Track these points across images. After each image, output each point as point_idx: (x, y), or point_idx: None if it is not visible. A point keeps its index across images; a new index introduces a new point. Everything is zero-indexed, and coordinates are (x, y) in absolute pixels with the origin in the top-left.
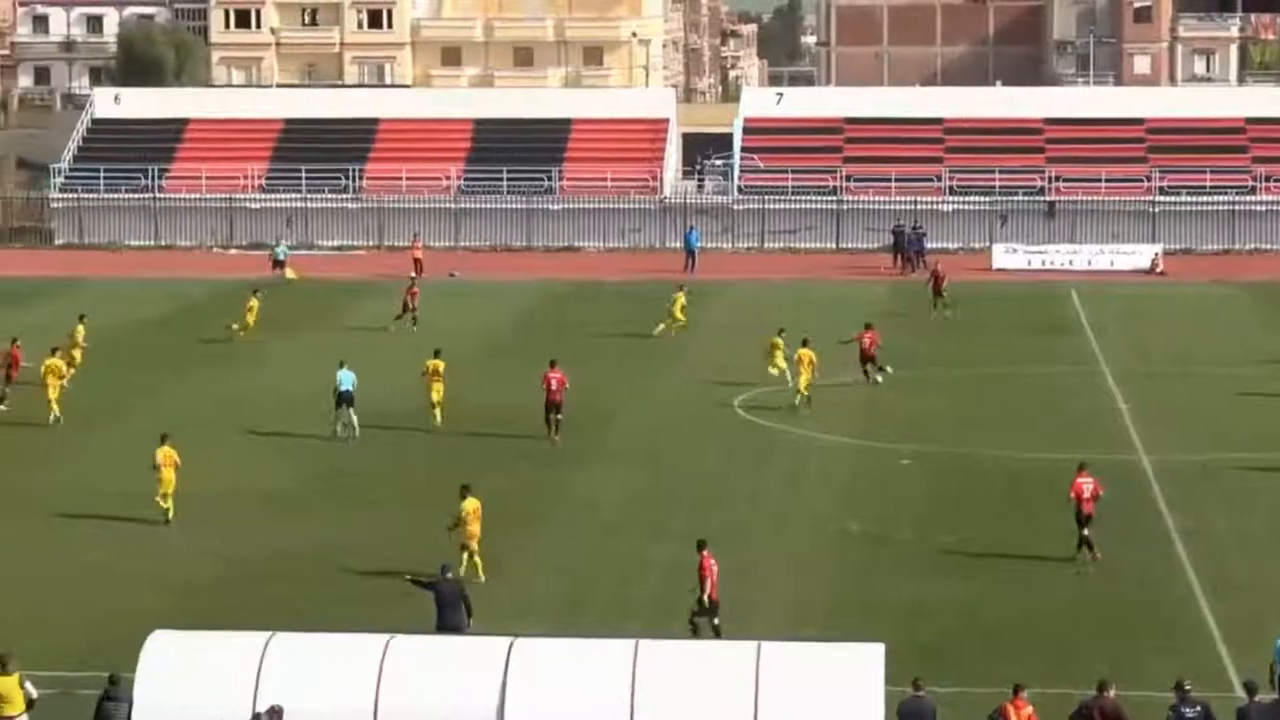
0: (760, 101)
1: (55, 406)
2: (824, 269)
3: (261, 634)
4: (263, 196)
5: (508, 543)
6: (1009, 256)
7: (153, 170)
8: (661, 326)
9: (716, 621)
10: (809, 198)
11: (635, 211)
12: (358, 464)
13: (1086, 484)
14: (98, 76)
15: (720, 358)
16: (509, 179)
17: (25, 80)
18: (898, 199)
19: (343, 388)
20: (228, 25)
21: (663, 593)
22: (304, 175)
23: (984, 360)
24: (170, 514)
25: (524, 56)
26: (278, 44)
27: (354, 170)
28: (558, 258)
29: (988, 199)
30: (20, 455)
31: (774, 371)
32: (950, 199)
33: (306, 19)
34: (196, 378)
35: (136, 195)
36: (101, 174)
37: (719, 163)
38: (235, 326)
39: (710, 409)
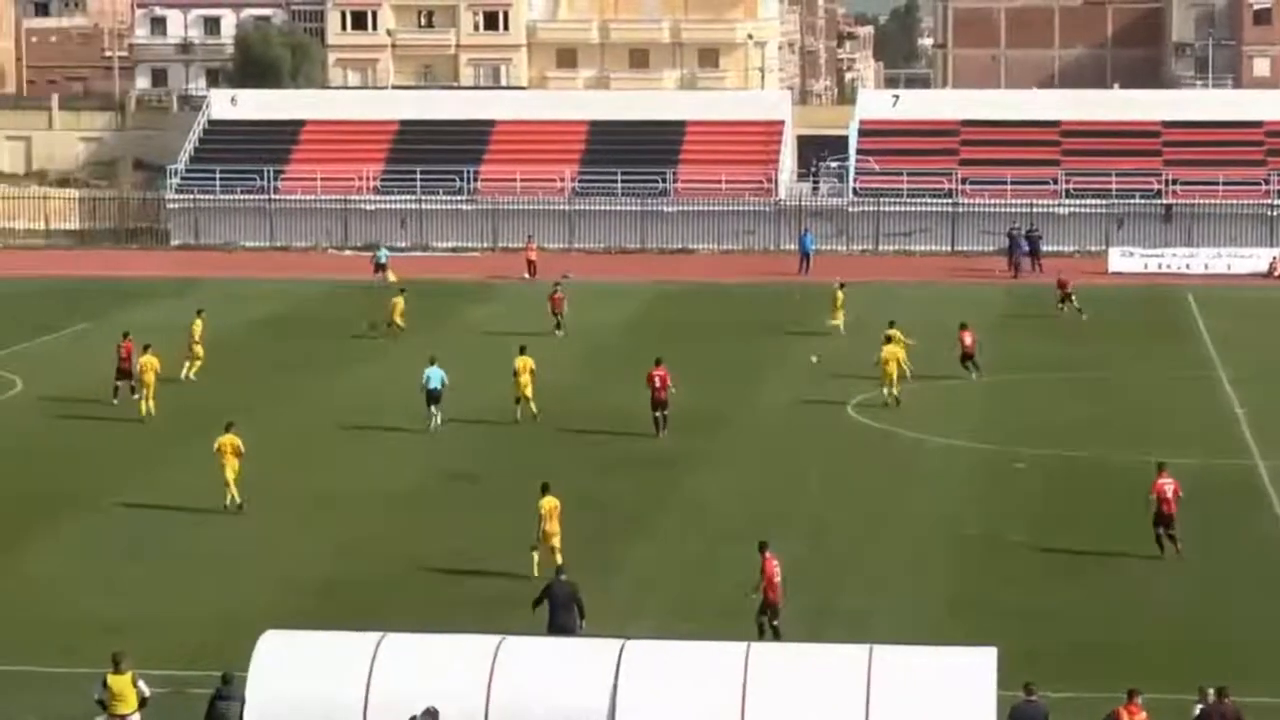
0: (876, 103)
1: (150, 404)
2: (938, 272)
3: (373, 634)
4: (377, 198)
5: (619, 545)
6: (1125, 260)
7: (268, 171)
8: (834, 321)
9: (777, 624)
10: (924, 200)
11: (750, 214)
12: (474, 465)
13: (1168, 484)
14: (214, 78)
15: (834, 360)
16: (623, 181)
17: (143, 82)
18: (1013, 202)
19: (431, 385)
20: (344, 27)
21: None
22: (419, 177)
23: (1099, 364)
24: (237, 501)
25: (639, 58)
26: (394, 46)
27: (469, 172)
28: (672, 260)
29: (1104, 202)
30: (134, 452)
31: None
32: (1066, 202)
33: (422, 21)
34: (311, 378)
35: (252, 196)
36: (217, 175)
37: (834, 165)
38: (387, 325)
39: (823, 411)
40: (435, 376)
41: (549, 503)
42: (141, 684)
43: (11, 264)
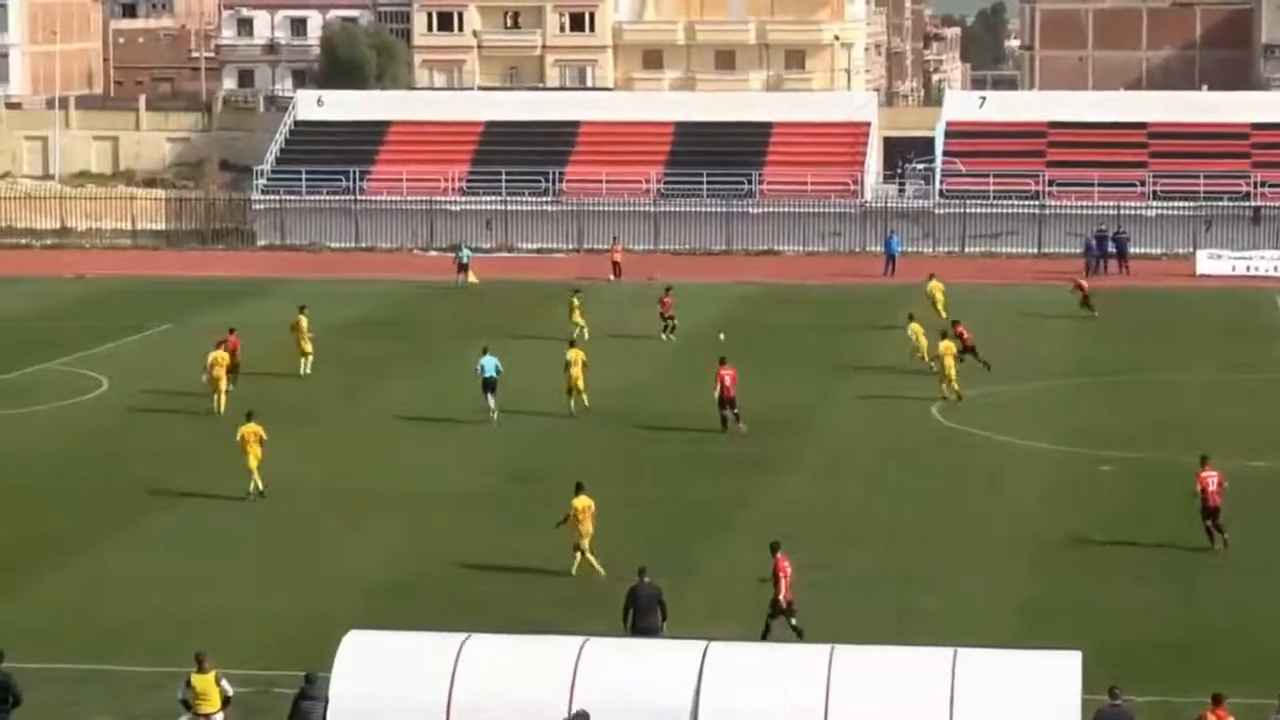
0: (963, 105)
1: (222, 399)
2: (1025, 274)
3: (458, 634)
4: (463, 199)
5: (702, 546)
6: (1213, 262)
7: (354, 172)
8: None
9: (795, 622)
10: (1010, 202)
11: (835, 215)
12: (556, 465)
13: (1211, 478)
14: (301, 79)
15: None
16: (709, 182)
17: (229, 82)
18: (1100, 204)
19: (486, 374)
20: (430, 28)
21: (856, 598)
22: (504, 178)
23: (1186, 366)
24: (260, 488)
25: (725, 59)
26: (479, 47)
27: (554, 173)
28: (757, 261)
29: (1192, 204)
30: (217, 451)
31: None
32: (1154, 204)
33: (508, 22)
34: (393, 378)
35: (338, 197)
36: (303, 176)
37: (920, 166)
38: (579, 325)
39: (908, 413)
40: (489, 365)
41: (583, 502)
42: (225, 683)
43: (98, 264)
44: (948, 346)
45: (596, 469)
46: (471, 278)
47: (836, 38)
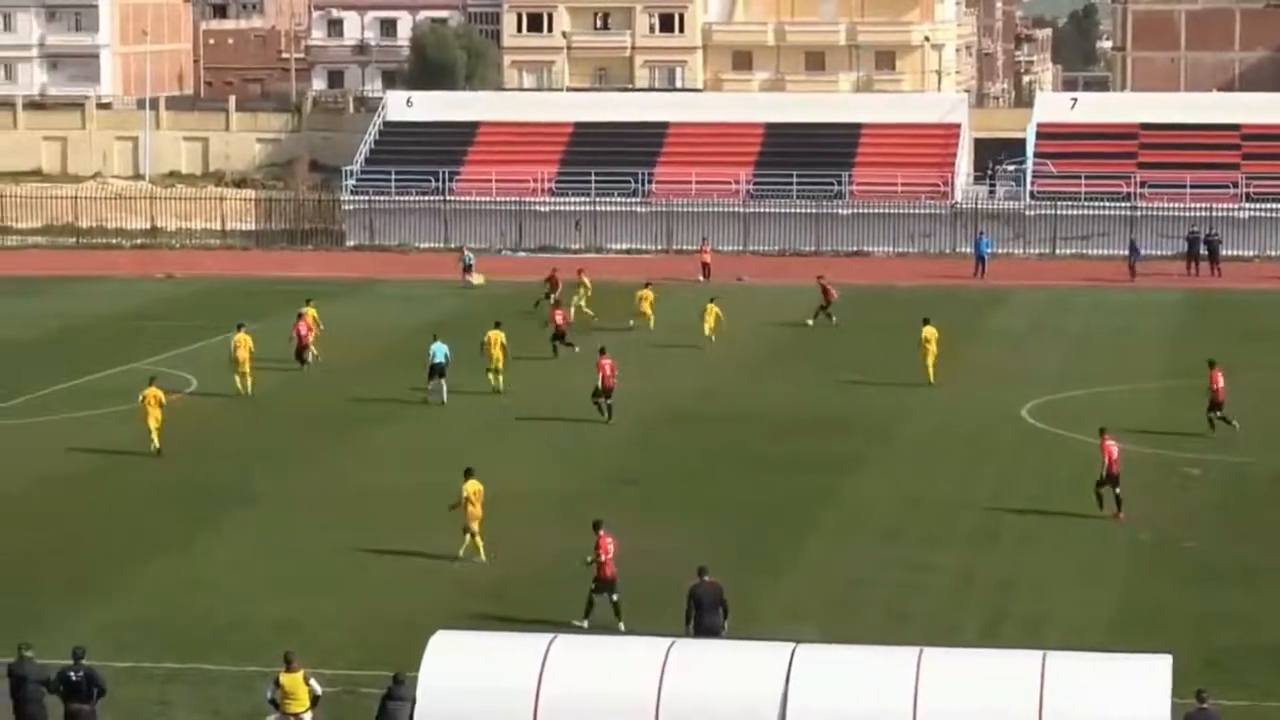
0: (1054, 106)
1: (248, 381)
2: (1116, 275)
3: (544, 635)
4: (552, 200)
5: (785, 547)
6: None
7: (443, 173)
8: None
9: (616, 598)
10: (1102, 203)
11: (925, 216)
12: (639, 467)
13: (1113, 446)
14: (390, 79)
15: (1009, 364)
16: (798, 183)
17: (319, 83)
18: (1193, 205)
19: (435, 360)
20: (519, 29)
21: (944, 600)
22: (593, 178)
23: (1277, 368)
24: (157, 447)
25: (815, 60)
26: (569, 48)
27: (643, 174)
28: (847, 262)
29: None
30: (305, 449)
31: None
32: (1247, 206)
33: (598, 23)
34: (480, 378)
35: (427, 197)
36: (393, 176)
37: (1011, 168)
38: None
39: (998, 415)
40: (439, 352)
41: (473, 486)
42: (313, 682)
43: (188, 263)
44: (930, 333)
45: (687, 469)
46: (477, 279)
47: (927, 39)
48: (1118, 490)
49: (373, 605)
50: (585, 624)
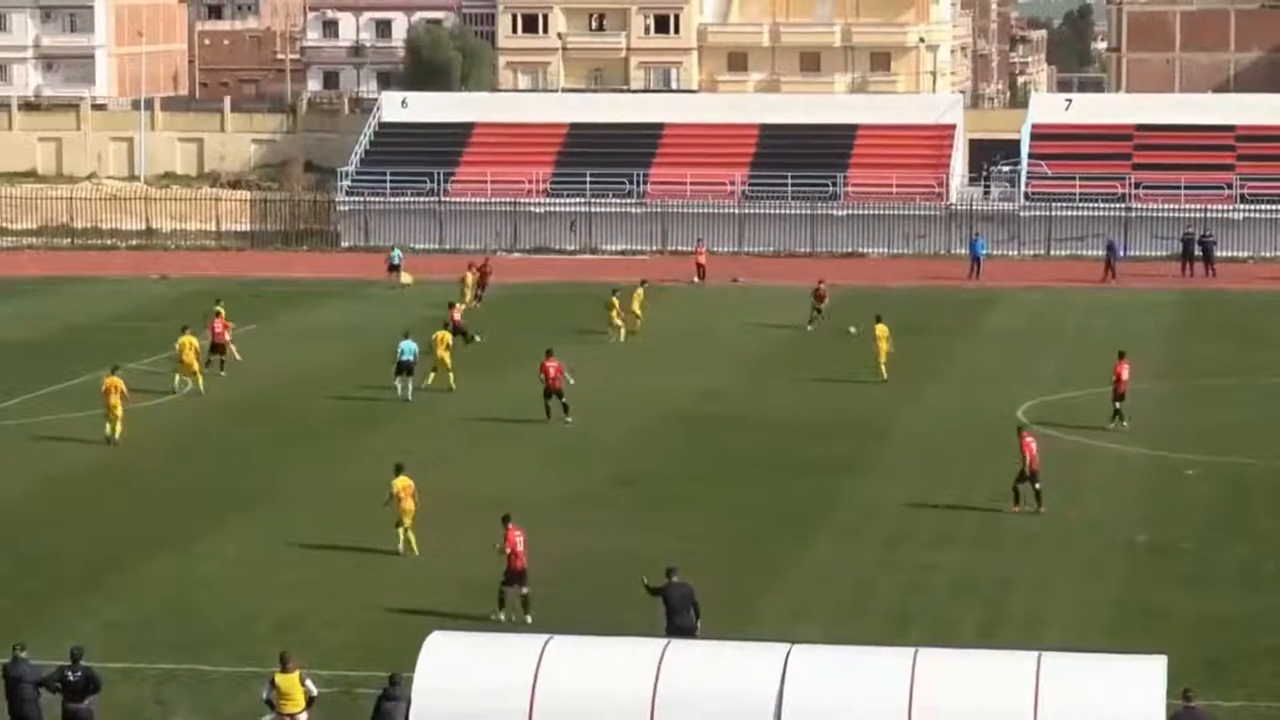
0: (1049, 107)
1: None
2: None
3: (540, 636)
4: (547, 200)
5: (784, 547)
6: None
7: (438, 174)
8: None
9: (525, 591)
10: (1097, 205)
11: (920, 218)
12: (638, 467)
13: (1032, 442)
14: (386, 80)
15: (1004, 365)
16: (793, 184)
17: (314, 84)
18: (1188, 206)
19: (403, 358)
20: (515, 30)
21: (942, 601)
22: (588, 179)
23: (1272, 370)
24: (115, 436)
25: (810, 62)
26: (564, 49)
27: (638, 175)
28: (842, 263)
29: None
30: (301, 451)
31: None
32: (1241, 207)
33: (593, 24)
34: (475, 380)
35: (422, 198)
36: (388, 177)
37: (1006, 169)
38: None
39: (993, 417)
40: (408, 349)
41: (402, 482)
42: (309, 683)
43: (183, 264)
44: (882, 330)
45: (686, 470)
46: (405, 278)
47: (922, 40)
48: (1037, 486)
49: (369, 606)
50: (501, 615)
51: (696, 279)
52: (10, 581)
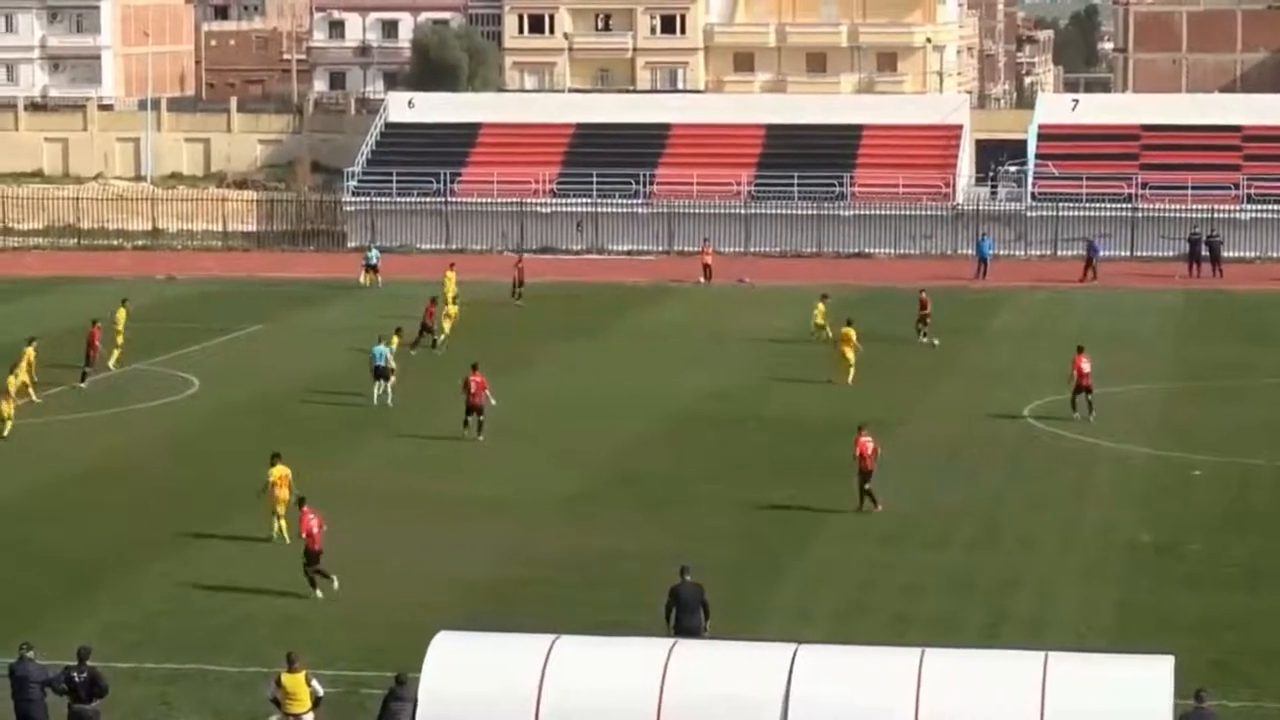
0: (1056, 107)
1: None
2: (1118, 276)
3: (547, 636)
4: (553, 201)
5: (790, 547)
6: None
7: (445, 174)
8: None
9: (320, 568)
10: (1103, 205)
11: (927, 218)
12: (639, 467)
13: (868, 443)
14: (392, 81)
15: (1011, 365)
16: (800, 185)
17: (320, 85)
18: (1194, 207)
19: (377, 363)
20: (521, 30)
21: (949, 600)
22: (595, 180)
23: (1277, 370)
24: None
25: (817, 62)
26: (570, 49)
27: (645, 175)
28: (848, 264)
29: None
30: (307, 452)
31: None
32: (1248, 207)
33: (599, 24)
34: (485, 379)
35: (428, 199)
36: (394, 178)
37: (1012, 169)
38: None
39: (999, 417)
40: (380, 354)
41: (279, 471)
42: (315, 683)
43: (189, 265)
44: (847, 334)
45: (691, 470)
46: (363, 279)
47: (928, 40)
48: (867, 486)
49: (375, 606)
50: (318, 594)
51: (703, 279)
52: (13, 581)
